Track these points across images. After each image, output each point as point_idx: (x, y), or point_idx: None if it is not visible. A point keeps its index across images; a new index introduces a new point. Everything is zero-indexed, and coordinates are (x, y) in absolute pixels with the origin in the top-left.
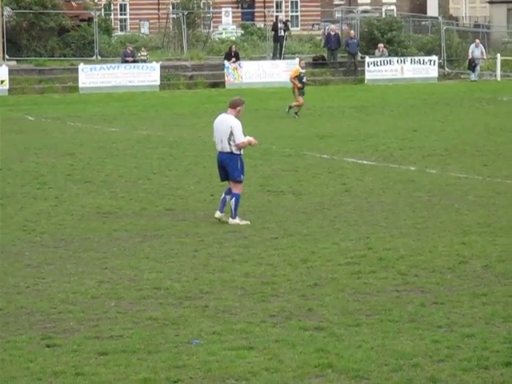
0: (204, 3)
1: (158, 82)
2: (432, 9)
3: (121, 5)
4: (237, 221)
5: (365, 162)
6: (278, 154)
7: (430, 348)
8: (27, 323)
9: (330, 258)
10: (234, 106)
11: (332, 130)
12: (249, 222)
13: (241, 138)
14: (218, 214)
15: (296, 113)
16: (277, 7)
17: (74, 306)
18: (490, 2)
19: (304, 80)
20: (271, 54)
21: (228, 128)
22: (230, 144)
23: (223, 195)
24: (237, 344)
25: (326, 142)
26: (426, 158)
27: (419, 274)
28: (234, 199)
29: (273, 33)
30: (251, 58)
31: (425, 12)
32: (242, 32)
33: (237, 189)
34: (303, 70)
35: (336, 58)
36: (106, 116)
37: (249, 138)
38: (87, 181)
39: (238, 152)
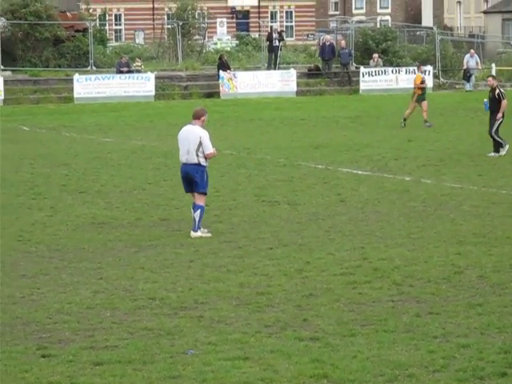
0: (199, 14)
1: (153, 93)
2: (427, 19)
3: (116, 15)
4: (199, 234)
5: (359, 172)
6: (273, 164)
7: (426, 358)
8: (22, 333)
9: (325, 268)
10: (198, 116)
11: (327, 140)
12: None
13: (210, 148)
14: (192, 234)
15: (405, 119)
16: (271, 17)
17: (70, 316)
18: (484, 12)
19: (424, 85)
20: (266, 65)
21: (197, 138)
22: (197, 155)
23: (193, 213)
24: (232, 354)
25: (320, 152)
26: (421, 168)
27: (414, 284)
28: (199, 211)
29: (267, 43)
30: (246, 69)
31: (419, 22)
32: (237, 42)
33: (201, 201)
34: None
35: (331, 69)
36: (100, 126)
37: (215, 150)
38: (82, 191)
39: (204, 164)
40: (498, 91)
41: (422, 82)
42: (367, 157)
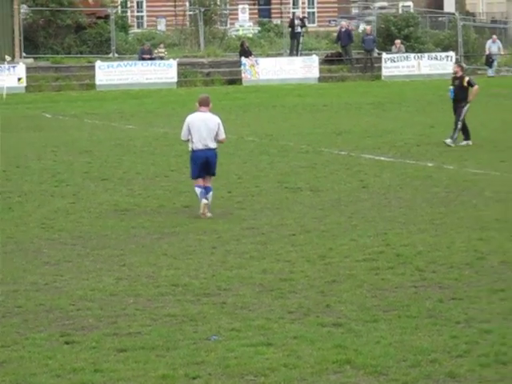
0: (221, 0)
1: (175, 79)
2: (449, 4)
3: (137, 2)
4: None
5: (382, 158)
6: (296, 150)
7: (449, 344)
8: (46, 320)
9: (348, 254)
10: (207, 103)
11: (349, 127)
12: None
13: (224, 133)
14: (205, 201)
15: None
16: (293, 4)
17: (93, 302)
18: None
19: None
20: (288, 51)
21: (216, 125)
22: (214, 140)
23: (201, 190)
24: (255, 340)
25: (343, 138)
26: (444, 154)
27: (437, 270)
28: (211, 192)
29: (289, 29)
30: (268, 55)
31: (441, 8)
32: (259, 29)
33: (211, 183)
34: None
35: (349, 55)
36: (123, 113)
37: None
38: (105, 178)
39: (217, 148)
40: (467, 78)
41: None
42: (390, 143)
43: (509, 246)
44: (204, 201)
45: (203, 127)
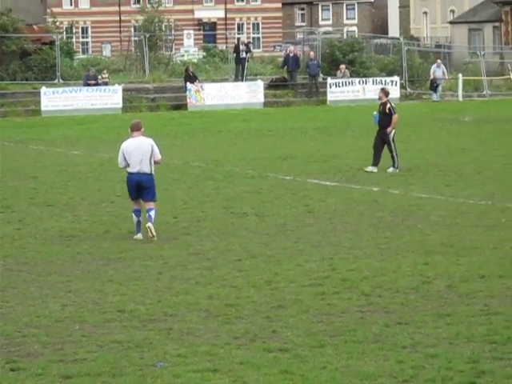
0: (166, 26)
1: (121, 105)
2: (393, 29)
3: (83, 28)
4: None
5: (327, 183)
6: (241, 175)
7: (395, 368)
8: None
9: (294, 279)
10: (139, 128)
11: (295, 152)
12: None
13: (159, 154)
14: (140, 236)
15: None
16: (238, 29)
17: (39, 329)
18: (450, 23)
19: None
20: (233, 76)
21: (149, 147)
22: (150, 164)
23: (137, 220)
24: (201, 366)
25: (288, 163)
26: (389, 179)
27: (383, 295)
28: (154, 210)
29: (234, 55)
30: (213, 80)
31: (386, 33)
32: (204, 54)
33: (153, 205)
34: None
35: (295, 80)
36: (68, 139)
37: None
38: (50, 204)
39: (153, 172)
40: (389, 105)
41: None
42: (335, 167)
43: (454, 270)
44: (139, 236)
45: (137, 151)
